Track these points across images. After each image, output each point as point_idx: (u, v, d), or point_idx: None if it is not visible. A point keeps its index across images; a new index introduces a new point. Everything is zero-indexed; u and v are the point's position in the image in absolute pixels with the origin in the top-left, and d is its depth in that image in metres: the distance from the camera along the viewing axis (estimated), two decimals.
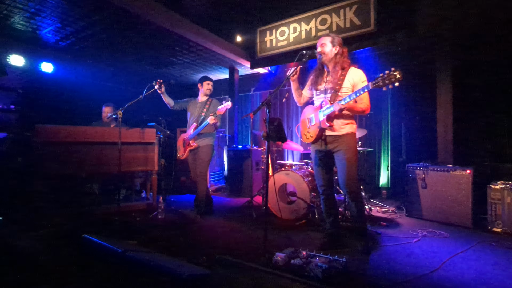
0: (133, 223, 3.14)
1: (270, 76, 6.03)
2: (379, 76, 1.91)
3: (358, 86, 2.19)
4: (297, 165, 3.79)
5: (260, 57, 4.88)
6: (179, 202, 4.42)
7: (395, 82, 1.86)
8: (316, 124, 2.35)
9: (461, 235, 2.80)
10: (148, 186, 4.05)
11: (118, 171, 3.22)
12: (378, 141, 4.87)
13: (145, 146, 3.76)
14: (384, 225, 3.14)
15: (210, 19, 4.38)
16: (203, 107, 3.53)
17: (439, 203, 3.25)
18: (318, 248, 2.26)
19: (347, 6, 3.88)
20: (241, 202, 4.26)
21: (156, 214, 3.42)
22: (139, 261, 1.51)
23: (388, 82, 1.88)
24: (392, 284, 1.84)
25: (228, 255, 2.04)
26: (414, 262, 2.17)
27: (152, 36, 4.28)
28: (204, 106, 3.53)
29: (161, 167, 4.24)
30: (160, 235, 2.74)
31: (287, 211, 3.32)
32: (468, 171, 3.09)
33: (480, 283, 1.86)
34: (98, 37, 4.32)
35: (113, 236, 2.52)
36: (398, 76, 1.84)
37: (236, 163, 5.00)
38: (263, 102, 2.04)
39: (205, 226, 3.15)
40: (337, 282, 1.78)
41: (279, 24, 4.56)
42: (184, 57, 5.29)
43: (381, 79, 1.90)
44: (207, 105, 3.53)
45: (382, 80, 1.90)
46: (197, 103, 3.61)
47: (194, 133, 3.42)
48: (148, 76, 6.38)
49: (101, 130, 3.50)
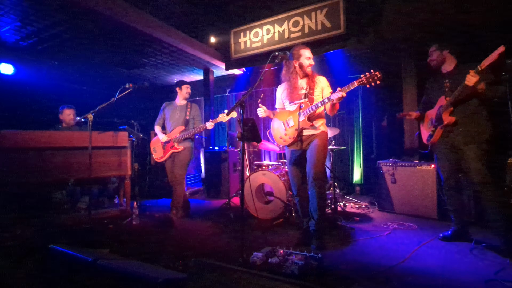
0: (105, 231, 3.01)
1: (245, 77, 6.05)
2: (363, 75, 2.17)
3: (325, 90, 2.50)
4: (274, 165, 3.84)
5: (234, 58, 4.89)
6: (154, 206, 4.30)
7: (377, 80, 2.13)
8: (295, 126, 2.49)
9: (428, 226, 2.99)
10: (121, 192, 3.90)
11: (88, 177, 3.07)
12: (350, 139, 5.06)
13: (117, 150, 3.61)
14: (358, 220, 3.26)
15: (183, 20, 4.32)
16: (185, 110, 3.54)
17: (407, 196, 3.44)
18: (295, 244, 2.31)
19: (318, 9, 3.99)
20: (219, 204, 4.23)
21: (130, 220, 3.31)
22: (111, 270, 1.45)
23: (371, 80, 2.14)
24: (365, 276, 1.92)
25: (206, 257, 2.02)
26: (385, 254, 2.28)
27: (121, 37, 4.13)
28: (186, 110, 3.54)
29: (135, 171, 4.11)
30: (134, 241, 2.65)
31: (264, 211, 3.35)
32: (433, 165, 3.30)
33: (445, 270, 2.00)
34: (62, 37, 4.10)
35: (84, 245, 2.40)
36: (379, 75, 2.13)
37: (213, 165, 4.96)
38: (236, 103, 2.05)
39: (182, 229, 3.09)
40: (313, 278, 1.83)
41: (253, 25, 4.59)
42: (157, 58, 5.16)
43: (365, 78, 2.16)
44: (189, 109, 3.54)
45: (366, 79, 2.15)
46: (177, 106, 3.59)
47: (182, 136, 3.40)
48: (120, 78, 6.14)
49: (69, 134, 3.32)
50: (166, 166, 3.57)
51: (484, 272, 1.92)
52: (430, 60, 2.58)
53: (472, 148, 2.30)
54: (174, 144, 3.43)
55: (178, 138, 3.42)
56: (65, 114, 3.88)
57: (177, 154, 3.45)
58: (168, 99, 3.77)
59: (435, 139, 2.56)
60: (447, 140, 2.47)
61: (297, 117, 2.46)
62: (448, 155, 2.49)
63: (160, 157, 3.54)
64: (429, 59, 2.59)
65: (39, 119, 4.22)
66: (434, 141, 2.58)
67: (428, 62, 2.60)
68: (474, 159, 2.27)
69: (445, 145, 2.50)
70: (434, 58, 2.53)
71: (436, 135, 2.53)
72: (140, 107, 6.39)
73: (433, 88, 2.63)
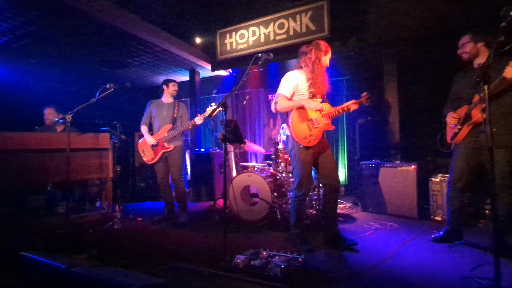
0: (85, 236, 2.90)
1: (232, 78, 6.02)
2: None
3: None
4: (259, 167, 3.83)
5: (220, 60, 4.86)
6: (138, 210, 4.20)
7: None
8: (321, 126, 2.40)
9: (408, 226, 3.05)
10: (103, 195, 3.79)
11: (66, 180, 2.97)
12: (335, 141, 5.12)
13: (98, 152, 3.51)
14: (342, 220, 3.30)
15: (168, 20, 4.25)
16: (173, 109, 3.45)
17: (389, 197, 3.51)
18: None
19: (302, 12, 4.03)
20: (205, 207, 4.18)
21: (112, 224, 3.21)
22: (85, 277, 1.40)
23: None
24: (347, 276, 1.94)
25: (188, 261, 1.98)
26: (368, 254, 2.31)
27: (103, 36, 4.03)
28: (174, 108, 3.45)
29: (117, 174, 4.00)
30: (114, 247, 2.57)
31: (249, 213, 3.33)
32: (413, 166, 3.38)
33: (423, 268, 2.04)
34: (40, 35, 3.94)
35: (60, 251, 2.31)
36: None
37: (199, 166, 4.90)
38: (218, 104, 2.02)
39: (165, 233, 3.03)
40: (295, 280, 1.83)
41: (239, 27, 4.58)
42: (141, 59, 5.06)
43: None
44: (176, 107, 3.46)
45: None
46: (164, 104, 3.47)
47: (171, 134, 3.31)
48: (103, 78, 5.99)
49: (46, 136, 3.19)
50: (157, 168, 3.42)
51: (461, 269, 1.98)
52: (463, 52, 2.32)
53: (501, 152, 2.15)
54: (164, 144, 3.33)
55: (167, 137, 3.32)
56: (46, 114, 3.80)
57: (170, 154, 3.35)
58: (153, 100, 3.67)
59: (460, 137, 2.37)
60: (476, 140, 2.28)
61: (322, 118, 2.41)
62: (470, 155, 2.32)
63: (151, 159, 3.39)
64: (460, 51, 2.34)
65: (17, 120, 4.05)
66: (459, 140, 2.40)
67: (459, 54, 2.34)
68: (503, 162, 2.14)
69: (471, 145, 2.31)
70: (467, 50, 2.28)
71: (462, 133, 2.34)
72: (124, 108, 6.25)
73: (464, 84, 2.38)
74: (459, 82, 2.46)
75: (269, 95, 5.69)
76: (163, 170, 3.43)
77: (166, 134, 3.33)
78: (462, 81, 2.42)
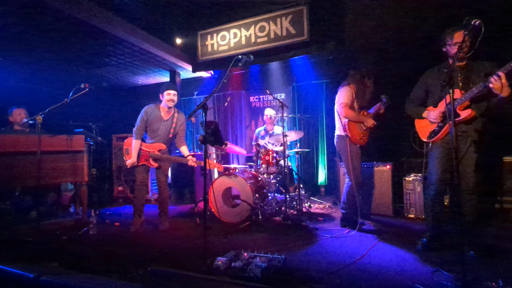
0: (57, 243, 2.76)
1: (213, 80, 5.99)
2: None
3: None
4: (241, 169, 3.84)
5: (201, 61, 4.82)
6: (116, 214, 4.06)
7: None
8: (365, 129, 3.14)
9: (384, 223, 3.17)
10: (77, 200, 3.63)
11: (36, 185, 2.81)
12: (315, 142, 5.22)
13: (72, 155, 3.37)
14: (321, 220, 3.37)
15: (148, 20, 4.16)
16: (170, 126, 3.19)
17: (366, 196, 3.63)
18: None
19: (283, 15, 4.09)
20: (186, 209, 4.11)
21: (87, 230, 3.08)
22: (56, 286, 1.33)
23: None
24: (325, 274, 1.98)
25: (167, 266, 1.94)
26: (345, 252, 2.38)
27: (77, 33, 3.86)
28: (171, 124, 3.19)
29: (92, 177, 3.85)
30: (89, 253, 2.47)
31: (231, 215, 3.32)
32: (388, 166, 3.52)
33: (396, 263, 2.13)
34: (8, 31, 3.73)
35: (30, 260, 2.19)
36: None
37: (180, 169, 4.82)
38: (198, 106, 2.01)
39: (144, 237, 2.95)
40: (275, 280, 1.84)
41: (220, 28, 4.57)
42: (119, 58, 4.91)
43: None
44: (174, 123, 3.20)
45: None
46: (162, 119, 3.17)
47: (160, 155, 3.14)
48: (79, 77, 5.73)
49: (12, 138, 3.00)
50: (138, 169, 3.22)
51: (432, 263, 2.09)
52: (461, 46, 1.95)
53: (473, 151, 2.18)
54: (150, 160, 3.16)
55: (155, 156, 3.15)
56: (15, 114, 3.57)
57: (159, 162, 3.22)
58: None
59: (441, 135, 2.27)
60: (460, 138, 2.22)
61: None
62: (450, 154, 2.22)
63: (134, 162, 3.18)
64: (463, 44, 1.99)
65: None
66: (438, 139, 2.29)
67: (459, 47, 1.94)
68: (473, 164, 2.18)
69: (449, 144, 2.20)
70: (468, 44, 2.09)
71: (444, 131, 2.24)
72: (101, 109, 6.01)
73: (438, 82, 2.26)
74: (431, 77, 2.38)
75: (250, 97, 5.71)
76: (144, 171, 3.23)
77: (156, 152, 3.15)
78: (435, 81, 2.32)
